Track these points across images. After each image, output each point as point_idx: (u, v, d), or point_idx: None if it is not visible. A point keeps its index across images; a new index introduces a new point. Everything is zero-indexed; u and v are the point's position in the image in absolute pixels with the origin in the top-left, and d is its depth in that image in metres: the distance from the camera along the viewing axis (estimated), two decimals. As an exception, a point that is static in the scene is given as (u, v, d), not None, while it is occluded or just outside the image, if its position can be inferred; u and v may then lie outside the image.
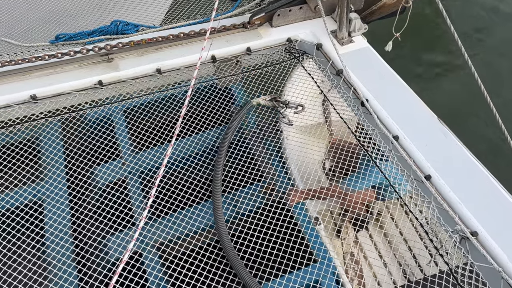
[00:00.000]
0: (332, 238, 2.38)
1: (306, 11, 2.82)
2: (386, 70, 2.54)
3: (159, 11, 3.19)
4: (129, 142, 2.34)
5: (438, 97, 4.73)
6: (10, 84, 2.37)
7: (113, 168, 2.21)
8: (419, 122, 2.26)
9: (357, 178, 2.28)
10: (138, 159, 2.25)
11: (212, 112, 2.43)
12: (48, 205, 2.03)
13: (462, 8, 5.89)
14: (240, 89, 2.60)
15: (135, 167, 2.23)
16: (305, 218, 2.04)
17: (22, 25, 3.05)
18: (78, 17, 3.16)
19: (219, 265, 1.84)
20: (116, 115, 2.43)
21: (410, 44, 5.04)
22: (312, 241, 1.98)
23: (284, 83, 2.62)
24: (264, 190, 2.13)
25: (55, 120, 2.31)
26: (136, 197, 2.14)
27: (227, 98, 2.51)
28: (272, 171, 2.24)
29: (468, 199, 1.93)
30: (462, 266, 1.77)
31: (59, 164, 2.21)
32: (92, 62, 2.51)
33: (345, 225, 2.40)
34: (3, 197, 2.06)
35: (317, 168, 2.54)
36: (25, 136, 2.28)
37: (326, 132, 2.77)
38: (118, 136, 2.34)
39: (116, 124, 2.40)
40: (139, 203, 2.12)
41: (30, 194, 2.09)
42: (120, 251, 1.93)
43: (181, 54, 2.59)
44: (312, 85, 2.57)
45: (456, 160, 2.09)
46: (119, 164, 2.23)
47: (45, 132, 2.30)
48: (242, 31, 2.76)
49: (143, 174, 2.25)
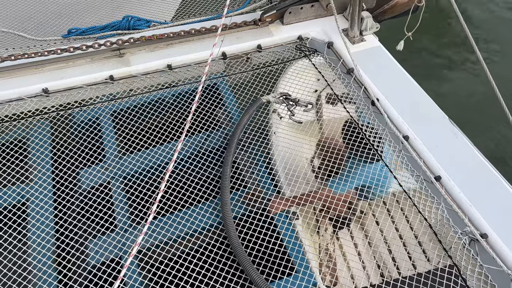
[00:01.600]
0: (310, 234, 2.36)
1: (317, 9, 2.81)
2: (398, 70, 2.52)
3: (171, 7, 3.20)
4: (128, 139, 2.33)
5: (450, 97, 4.68)
6: (23, 77, 2.40)
7: (123, 163, 2.22)
8: (429, 122, 2.24)
9: (346, 178, 2.22)
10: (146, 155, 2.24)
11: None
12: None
13: (476, 6, 5.82)
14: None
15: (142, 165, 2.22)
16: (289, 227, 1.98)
17: (35, 19, 3.07)
18: (90, 12, 3.18)
19: (219, 265, 1.83)
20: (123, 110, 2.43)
21: (423, 44, 5.00)
22: (295, 250, 1.92)
23: (279, 79, 2.62)
24: (249, 197, 2.07)
25: (66, 114, 2.33)
26: (145, 192, 2.14)
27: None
28: (254, 176, 2.17)
29: (478, 201, 1.91)
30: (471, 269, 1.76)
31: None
32: (104, 57, 2.53)
33: (322, 220, 2.37)
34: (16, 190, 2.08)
35: (306, 166, 2.54)
36: (40, 126, 2.29)
37: (318, 130, 2.74)
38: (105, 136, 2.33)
39: (104, 125, 2.37)
40: (148, 198, 2.12)
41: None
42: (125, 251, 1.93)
43: (191, 50, 2.60)
44: (306, 82, 2.56)
45: (466, 161, 2.08)
46: (128, 159, 2.23)
47: (56, 125, 2.32)
48: (253, 28, 2.76)
49: (151, 171, 2.24)
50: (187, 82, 2.50)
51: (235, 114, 2.47)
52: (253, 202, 2.05)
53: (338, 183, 2.14)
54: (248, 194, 2.08)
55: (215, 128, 2.40)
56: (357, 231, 2.65)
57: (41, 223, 1.95)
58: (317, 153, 2.56)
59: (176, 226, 1.96)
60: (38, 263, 1.81)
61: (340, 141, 2.37)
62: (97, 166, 2.21)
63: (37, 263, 1.82)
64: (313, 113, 2.73)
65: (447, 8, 5.18)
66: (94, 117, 2.38)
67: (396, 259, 2.55)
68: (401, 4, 2.78)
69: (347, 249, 2.52)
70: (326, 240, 2.36)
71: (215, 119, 2.46)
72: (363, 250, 2.57)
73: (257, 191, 2.10)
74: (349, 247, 2.52)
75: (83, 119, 2.36)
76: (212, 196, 2.09)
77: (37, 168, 2.15)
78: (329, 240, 2.37)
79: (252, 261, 1.81)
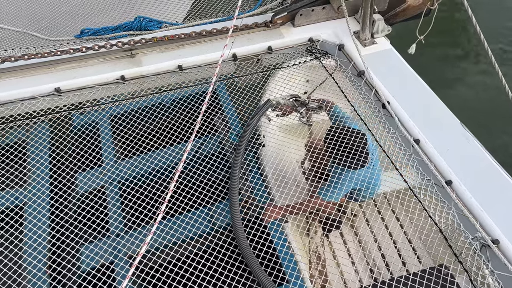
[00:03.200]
0: (301, 236, 2.33)
1: (329, 11, 2.80)
2: (409, 73, 2.50)
3: (182, 8, 3.21)
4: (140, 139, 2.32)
5: (462, 101, 4.63)
6: (36, 76, 2.43)
7: (132, 162, 2.23)
8: (441, 126, 2.23)
9: (335, 185, 2.16)
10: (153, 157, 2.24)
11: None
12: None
13: (489, 9, 5.76)
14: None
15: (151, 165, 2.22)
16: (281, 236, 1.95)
17: (49, 19, 3.11)
18: (102, 12, 3.21)
19: (226, 267, 1.82)
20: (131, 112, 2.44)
21: (435, 47, 4.96)
22: (287, 260, 1.89)
23: (268, 81, 2.61)
24: (243, 204, 2.03)
25: (78, 113, 2.35)
26: (152, 194, 2.14)
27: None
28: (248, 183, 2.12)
29: (490, 206, 1.88)
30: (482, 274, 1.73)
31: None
32: (115, 57, 2.55)
33: (312, 222, 2.33)
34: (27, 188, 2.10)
35: (297, 168, 2.51)
36: (51, 123, 2.32)
37: (306, 132, 2.71)
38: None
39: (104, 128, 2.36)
40: (157, 197, 2.12)
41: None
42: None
43: (202, 51, 2.61)
44: (296, 84, 2.55)
45: (478, 166, 2.05)
46: (138, 159, 2.24)
47: (68, 125, 2.34)
48: (264, 30, 2.76)
49: (160, 171, 2.25)
50: (197, 83, 2.50)
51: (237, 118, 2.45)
52: (246, 210, 2.02)
53: (327, 190, 2.09)
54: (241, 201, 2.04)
55: (225, 130, 2.40)
56: (349, 233, 2.61)
57: (41, 223, 1.95)
58: (307, 155, 2.53)
59: (185, 226, 1.96)
60: (33, 269, 1.81)
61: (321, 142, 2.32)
62: (96, 168, 2.21)
63: (32, 269, 1.81)
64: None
65: (460, 11, 5.15)
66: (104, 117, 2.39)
67: (400, 257, 2.51)
68: (414, 7, 2.76)
69: (338, 252, 2.49)
70: (316, 243, 2.34)
71: (222, 122, 2.46)
72: (354, 252, 2.53)
73: (251, 198, 2.07)
74: (339, 250, 2.49)
75: (82, 122, 2.37)
76: (221, 197, 2.09)
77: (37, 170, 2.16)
78: (319, 242, 2.35)
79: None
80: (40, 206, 2.01)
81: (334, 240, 2.52)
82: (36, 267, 1.81)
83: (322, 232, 2.43)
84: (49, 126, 2.32)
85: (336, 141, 2.17)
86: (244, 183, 2.12)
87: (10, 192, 2.07)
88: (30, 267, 1.82)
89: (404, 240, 2.48)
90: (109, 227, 1.98)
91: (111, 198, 2.08)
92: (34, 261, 1.84)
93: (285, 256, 1.89)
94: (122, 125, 2.35)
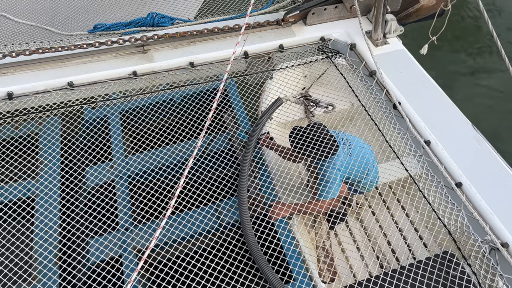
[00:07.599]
0: (307, 231, 2.32)
1: (341, 11, 2.79)
2: (421, 74, 2.49)
3: (194, 5, 3.23)
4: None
5: (474, 103, 4.59)
6: (49, 70, 2.45)
7: (143, 157, 2.25)
8: (452, 128, 2.21)
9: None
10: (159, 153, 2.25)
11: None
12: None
13: (503, 9, 5.69)
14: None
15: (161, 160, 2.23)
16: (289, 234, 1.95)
17: (62, 14, 3.15)
18: (116, 8, 3.23)
19: (234, 263, 1.84)
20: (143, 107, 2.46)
21: (447, 48, 4.92)
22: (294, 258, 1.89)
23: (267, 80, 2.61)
24: (251, 201, 2.04)
25: (89, 108, 2.38)
26: (162, 189, 2.16)
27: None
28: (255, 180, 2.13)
29: (500, 210, 1.87)
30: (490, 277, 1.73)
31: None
32: (128, 53, 2.57)
33: (319, 220, 2.33)
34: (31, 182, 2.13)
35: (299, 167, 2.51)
36: (63, 117, 2.35)
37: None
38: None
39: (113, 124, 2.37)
40: (166, 193, 2.14)
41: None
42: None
43: (214, 48, 2.62)
44: (292, 82, 2.55)
45: (489, 169, 2.04)
46: (149, 154, 2.26)
47: (79, 119, 2.37)
48: (275, 28, 2.77)
49: (171, 167, 2.27)
50: (208, 80, 2.51)
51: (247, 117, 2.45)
52: (254, 207, 2.03)
53: (322, 190, 2.09)
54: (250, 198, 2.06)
55: (235, 127, 2.41)
56: (355, 224, 2.60)
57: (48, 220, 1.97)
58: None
59: (194, 222, 1.98)
60: (44, 260, 1.83)
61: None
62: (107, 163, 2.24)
63: (43, 260, 1.83)
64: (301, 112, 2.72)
65: (474, 12, 5.09)
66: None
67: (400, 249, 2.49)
68: (427, 8, 2.74)
69: (345, 245, 2.49)
70: (322, 236, 2.33)
71: (233, 120, 2.47)
72: (362, 245, 2.53)
73: (259, 196, 2.07)
74: (346, 243, 2.50)
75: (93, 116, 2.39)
76: (230, 194, 2.10)
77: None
78: (325, 236, 2.34)
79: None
80: (51, 198, 2.03)
81: (340, 232, 2.51)
82: (47, 258, 1.84)
83: (327, 225, 2.42)
84: (61, 120, 2.35)
85: (299, 141, 2.15)
86: (253, 181, 2.13)
87: (22, 183, 2.10)
88: (41, 258, 1.84)
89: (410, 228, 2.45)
90: (118, 221, 2.00)
91: (121, 192, 2.10)
92: (45, 252, 1.86)
93: (293, 254, 1.90)
94: (133, 120, 2.37)
